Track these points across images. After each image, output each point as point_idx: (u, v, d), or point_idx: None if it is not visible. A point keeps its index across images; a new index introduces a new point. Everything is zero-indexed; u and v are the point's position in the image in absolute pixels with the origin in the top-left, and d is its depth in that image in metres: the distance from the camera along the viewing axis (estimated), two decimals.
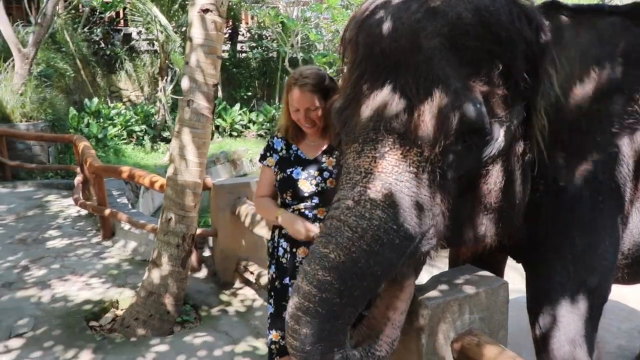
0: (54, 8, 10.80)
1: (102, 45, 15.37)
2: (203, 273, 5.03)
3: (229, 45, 18.14)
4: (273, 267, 2.62)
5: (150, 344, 3.76)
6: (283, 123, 2.52)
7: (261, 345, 3.74)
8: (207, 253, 5.27)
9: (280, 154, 2.52)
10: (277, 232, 2.61)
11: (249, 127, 16.32)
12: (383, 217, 1.69)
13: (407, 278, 1.97)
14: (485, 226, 2.00)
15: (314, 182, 2.42)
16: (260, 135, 16.08)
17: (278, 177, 2.50)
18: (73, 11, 14.81)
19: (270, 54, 18.02)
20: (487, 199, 1.91)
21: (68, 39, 13.59)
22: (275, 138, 2.56)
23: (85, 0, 14.20)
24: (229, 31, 18.15)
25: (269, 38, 17.87)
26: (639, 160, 2.31)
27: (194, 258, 4.79)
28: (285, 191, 2.48)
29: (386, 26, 1.76)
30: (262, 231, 4.05)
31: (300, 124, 2.41)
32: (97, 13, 15.03)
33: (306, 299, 1.73)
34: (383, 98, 1.74)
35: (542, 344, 2.38)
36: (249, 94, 17.42)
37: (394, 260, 1.73)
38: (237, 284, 4.74)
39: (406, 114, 1.70)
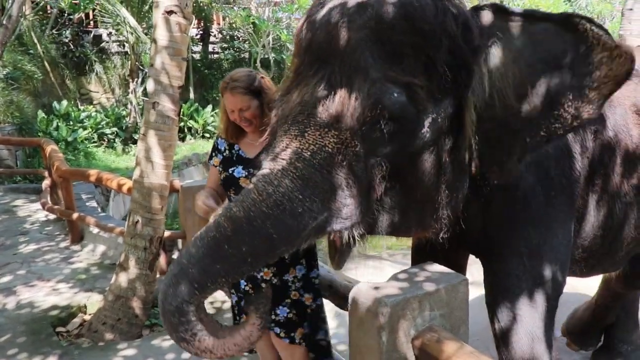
0: (20, 9, 10.60)
1: (72, 47, 15.14)
2: None
3: (200, 46, 18.04)
4: (234, 296, 2.70)
5: (118, 348, 3.74)
6: (222, 125, 2.62)
7: None
8: (176, 255, 5.23)
9: (224, 154, 2.62)
10: None
11: None
12: (290, 186, 1.79)
13: (254, 317, 2.06)
14: (417, 218, 2.06)
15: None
16: None
17: (222, 176, 2.59)
18: (41, 12, 14.57)
19: (242, 55, 17.97)
20: (415, 189, 1.96)
21: (36, 40, 13.37)
22: (220, 139, 2.66)
23: (53, 2, 13.98)
24: (201, 32, 18.06)
25: (240, 39, 17.81)
26: (590, 158, 2.38)
27: (163, 261, 4.76)
28: (228, 189, 2.58)
29: (325, 20, 1.90)
30: None
31: (238, 123, 2.52)
32: (66, 14, 14.81)
33: (205, 230, 1.84)
34: (312, 85, 1.87)
35: (501, 337, 2.43)
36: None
37: (294, 228, 1.80)
38: None
39: (328, 100, 1.83)
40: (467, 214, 2.18)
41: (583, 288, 5.01)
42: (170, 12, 3.60)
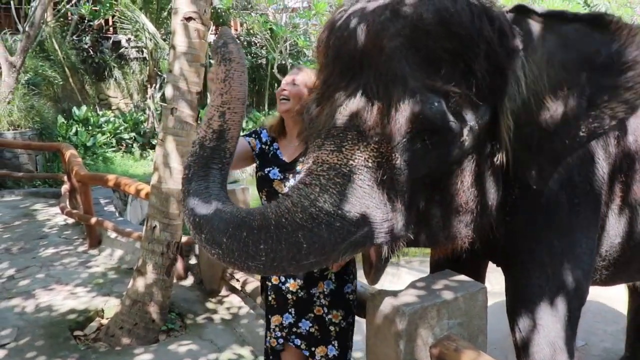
0: (42, 16, 10.78)
1: (91, 53, 15.32)
2: (189, 281, 5.02)
3: None
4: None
5: (134, 353, 3.75)
6: (273, 119, 2.60)
7: (246, 353, 3.74)
8: (193, 261, 5.25)
9: (263, 145, 2.57)
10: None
11: None
12: (330, 200, 1.74)
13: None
14: (455, 228, 2.01)
15: (288, 184, 2.44)
16: None
17: (258, 174, 2.54)
18: (61, 19, 14.77)
19: (260, 61, 18.02)
20: (455, 199, 1.93)
21: (56, 47, 13.55)
22: (264, 130, 2.62)
23: (74, 9, 14.17)
24: None
25: (257, 45, 17.88)
26: (613, 164, 2.34)
27: (180, 266, 4.78)
28: (261, 190, 2.53)
29: (353, 29, 1.83)
30: None
31: (278, 98, 2.47)
32: (86, 21, 15.00)
33: (242, 209, 1.81)
34: (346, 97, 1.82)
35: (522, 347, 2.39)
36: None
37: (330, 241, 1.74)
38: (223, 292, 4.73)
39: (365, 112, 1.77)
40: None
41: (605, 298, 4.95)
42: (189, 19, 3.62)
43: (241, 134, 2.43)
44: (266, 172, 2.49)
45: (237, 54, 1.93)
